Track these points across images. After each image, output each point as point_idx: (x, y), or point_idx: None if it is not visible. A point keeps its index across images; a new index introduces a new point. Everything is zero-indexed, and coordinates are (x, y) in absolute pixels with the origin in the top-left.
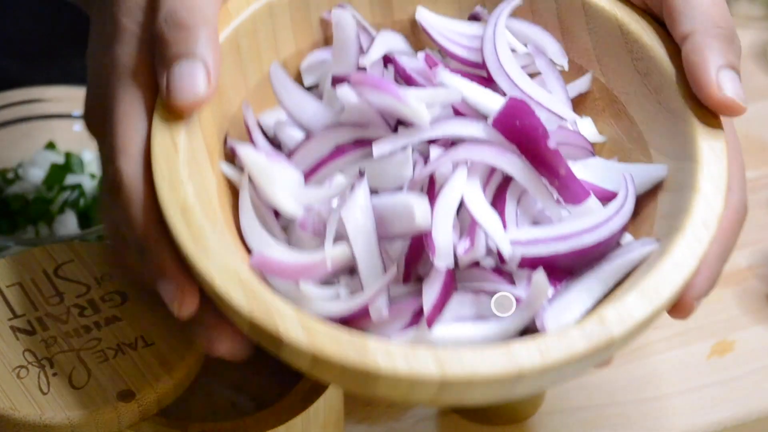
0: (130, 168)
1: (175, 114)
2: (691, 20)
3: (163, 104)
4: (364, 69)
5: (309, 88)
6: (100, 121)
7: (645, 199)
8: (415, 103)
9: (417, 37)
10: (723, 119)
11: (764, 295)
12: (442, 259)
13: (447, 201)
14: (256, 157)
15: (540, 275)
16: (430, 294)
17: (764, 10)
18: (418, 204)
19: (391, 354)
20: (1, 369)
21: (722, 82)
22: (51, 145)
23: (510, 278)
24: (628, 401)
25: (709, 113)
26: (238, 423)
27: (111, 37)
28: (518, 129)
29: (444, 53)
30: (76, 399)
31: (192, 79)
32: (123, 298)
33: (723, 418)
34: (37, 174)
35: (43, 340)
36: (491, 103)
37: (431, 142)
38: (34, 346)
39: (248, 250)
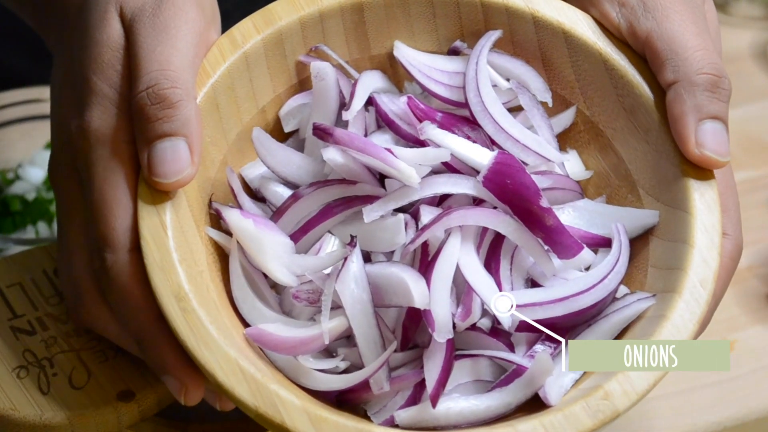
0: (119, 262)
1: (159, 191)
2: (674, 68)
3: (147, 180)
4: (345, 121)
5: (289, 133)
6: (68, 181)
7: (636, 245)
8: (404, 166)
9: (395, 69)
10: None
11: (764, 295)
12: (442, 335)
13: (443, 272)
14: (243, 223)
15: (545, 353)
16: (433, 370)
17: (764, 10)
18: (415, 284)
19: None
20: (1, 369)
21: (702, 137)
22: (51, 145)
23: (507, 338)
24: None
25: None
26: (238, 423)
27: (82, 98)
28: (510, 188)
29: (424, 91)
30: (76, 399)
31: (176, 158)
32: None
33: (723, 418)
34: (37, 174)
35: (43, 340)
36: (479, 157)
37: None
38: (34, 346)
39: (242, 317)
